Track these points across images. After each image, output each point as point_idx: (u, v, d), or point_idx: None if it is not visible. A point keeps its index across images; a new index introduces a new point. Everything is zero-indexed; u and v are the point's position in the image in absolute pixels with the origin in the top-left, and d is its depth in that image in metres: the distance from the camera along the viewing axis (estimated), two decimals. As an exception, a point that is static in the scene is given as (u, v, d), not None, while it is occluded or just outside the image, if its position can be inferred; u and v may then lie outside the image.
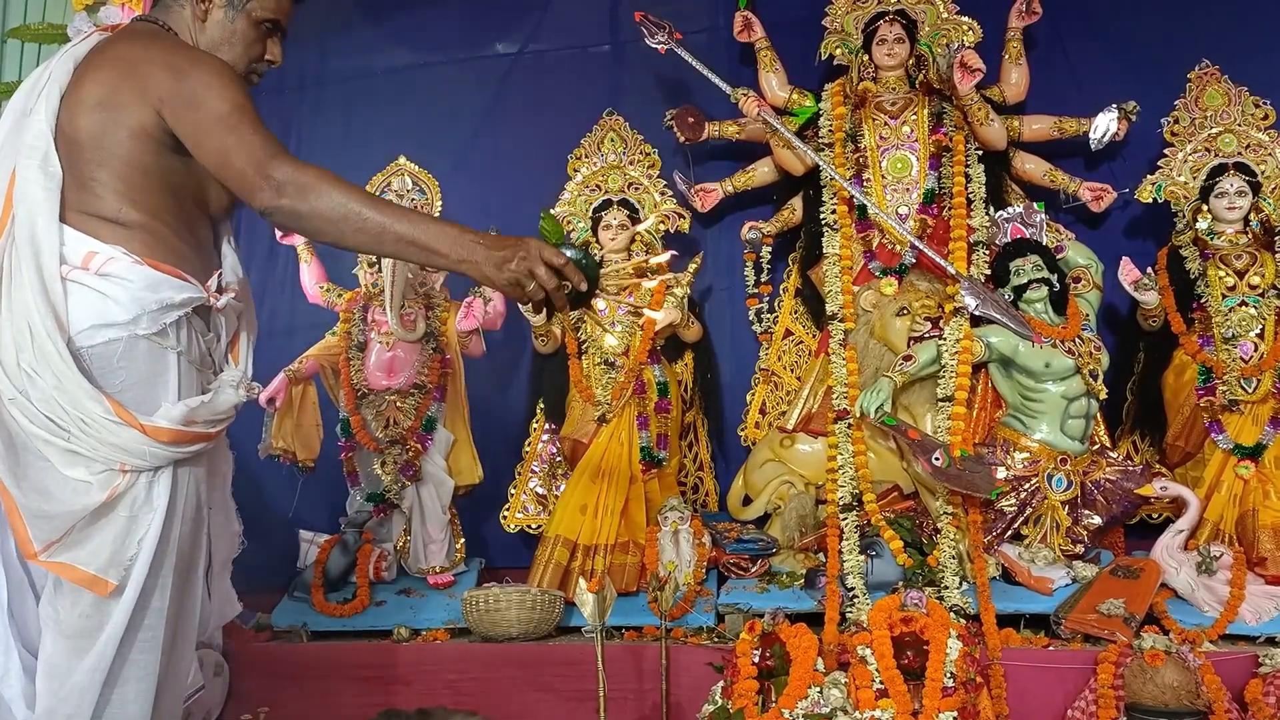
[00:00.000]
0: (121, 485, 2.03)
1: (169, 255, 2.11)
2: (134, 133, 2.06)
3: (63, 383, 1.98)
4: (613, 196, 4.16)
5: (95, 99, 2.06)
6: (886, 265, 3.98)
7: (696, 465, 4.36)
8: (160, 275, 2.07)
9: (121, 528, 2.04)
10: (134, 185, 2.08)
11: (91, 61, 2.12)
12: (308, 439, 4.07)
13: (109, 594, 2.03)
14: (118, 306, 2.04)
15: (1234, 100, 3.93)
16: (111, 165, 2.06)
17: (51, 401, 1.98)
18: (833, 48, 4.17)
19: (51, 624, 2.05)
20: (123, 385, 2.04)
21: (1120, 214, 4.21)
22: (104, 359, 2.04)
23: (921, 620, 2.90)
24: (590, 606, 2.88)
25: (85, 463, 2.01)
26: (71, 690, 2.02)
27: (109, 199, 2.07)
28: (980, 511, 3.58)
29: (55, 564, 2.02)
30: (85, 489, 2.01)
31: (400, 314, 3.93)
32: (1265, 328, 3.68)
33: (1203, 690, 2.88)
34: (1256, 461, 3.63)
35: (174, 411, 2.08)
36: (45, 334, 1.98)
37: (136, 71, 2.06)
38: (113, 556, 2.03)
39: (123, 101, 2.05)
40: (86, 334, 2.03)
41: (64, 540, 2.01)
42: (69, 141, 2.07)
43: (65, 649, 2.03)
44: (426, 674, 3.40)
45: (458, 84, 4.74)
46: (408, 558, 4.02)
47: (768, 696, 2.91)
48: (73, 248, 2.04)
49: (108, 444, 2.01)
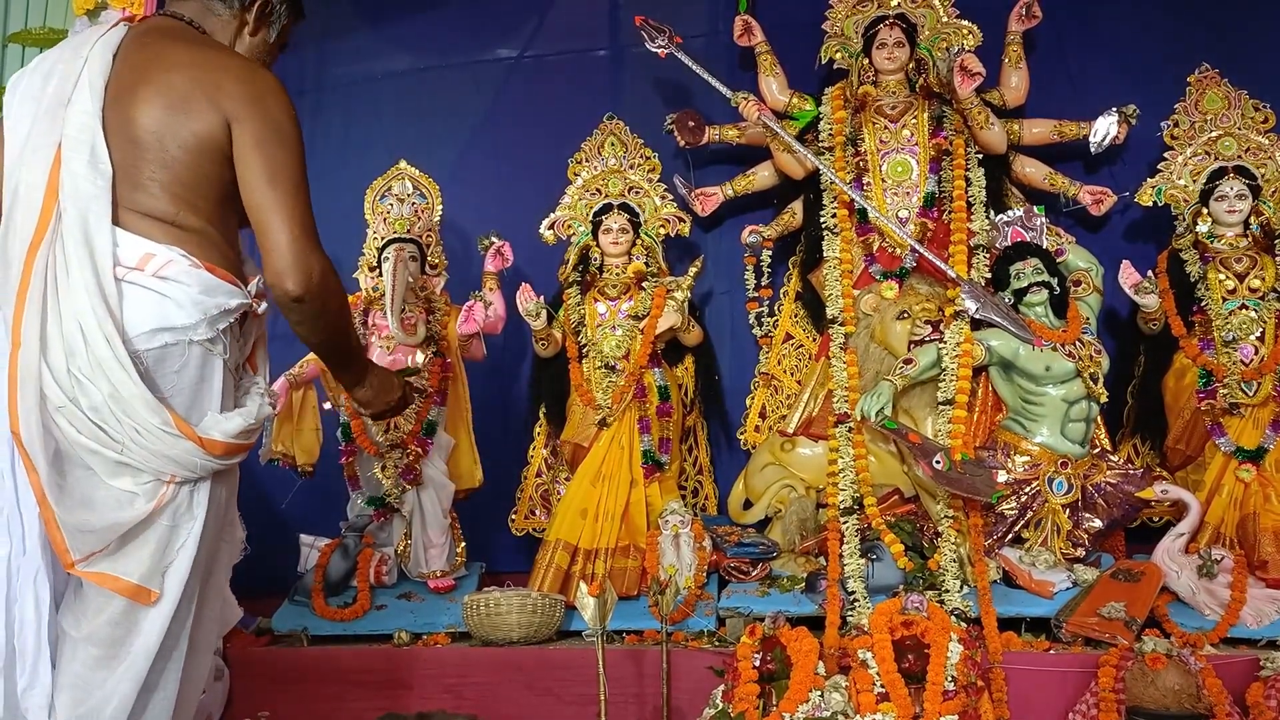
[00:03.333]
0: (167, 495, 1.98)
1: (222, 261, 2.07)
2: (201, 139, 2.00)
3: (119, 390, 1.91)
4: (613, 200, 4.16)
5: (164, 100, 1.99)
6: (887, 269, 3.98)
7: (697, 469, 4.36)
8: (217, 280, 2.04)
9: (163, 536, 1.99)
10: (192, 189, 2.02)
11: (142, 58, 2.04)
12: (308, 443, 4.07)
13: (151, 603, 1.98)
14: (179, 310, 1.98)
15: (1234, 103, 3.93)
16: (173, 168, 2.00)
17: (104, 410, 1.91)
18: (833, 52, 4.18)
19: (73, 633, 1.98)
20: (172, 391, 1.98)
21: (1120, 217, 4.22)
22: (159, 363, 1.98)
23: (922, 624, 2.90)
24: (591, 610, 2.89)
25: (132, 473, 1.96)
26: (102, 702, 1.96)
27: (165, 200, 2.00)
28: (981, 515, 3.58)
29: (95, 574, 1.95)
30: (130, 500, 1.96)
31: (401, 318, 3.93)
32: (1266, 331, 3.68)
33: (1204, 694, 2.88)
34: (1257, 465, 3.63)
35: (229, 425, 2.04)
36: (103, 339, 1.90)
37: (208, 79, 2.00)
38: (154, 566, 1.98)
39: (194, 107, 1.99)
40: (144, 337, 1.96)
41: (105, 550, 1.95)
42: (126, 139, 1.99)
43: (91, 659, 1.97)
44: (427, 678, 3.39)
45: (458, 88, 4.75)
46: (408, 562, 4.02)
47: (768, 700, 2.90)
48: (127, 248, 1.97)
49: (161, 455, 1.95)
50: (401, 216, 4.18)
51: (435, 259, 4.19)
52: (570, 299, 4.08)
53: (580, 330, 4.04)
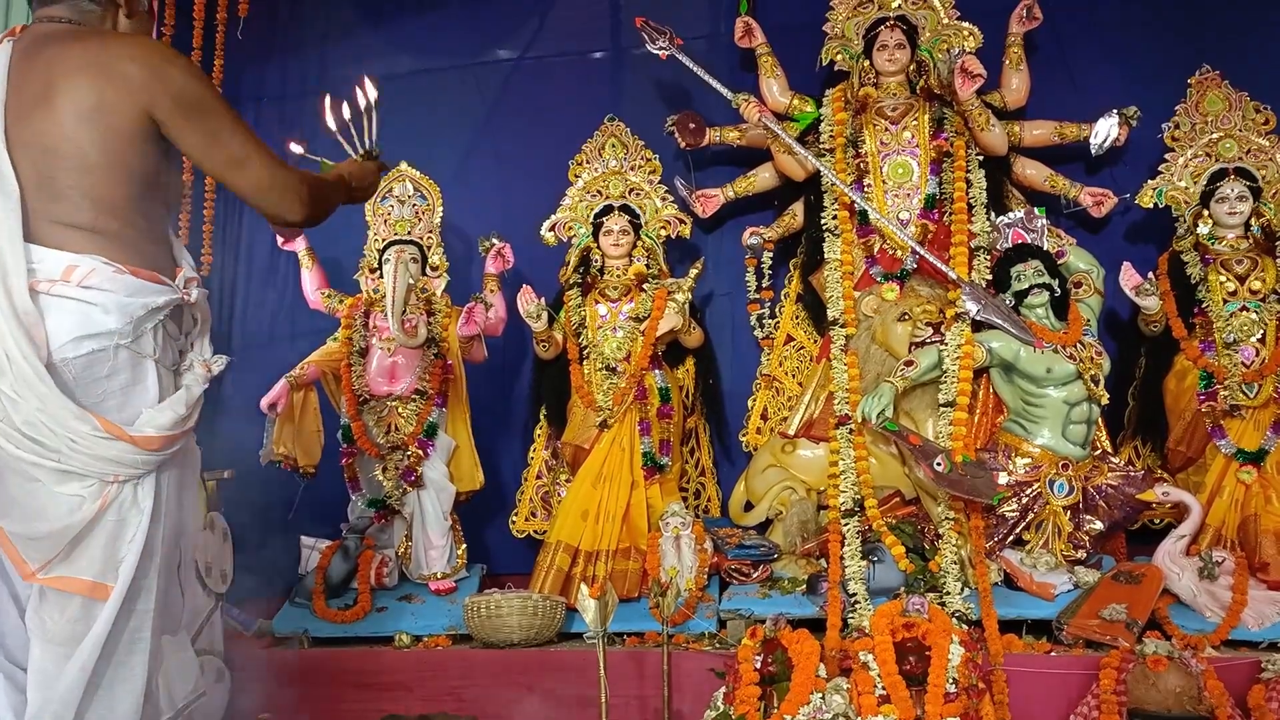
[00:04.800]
0: (111, 494, 2.03)
1: (144, 261, 2.10)
2: (119, 134, 2.03)
3: (46, 405, 1.95)
4: (614, 202, 4.16)
5: (76, 107, 2.01)
6: (888, 270, 3.98)
7: (698, 471, 4.36)
8: (140, 282, 2.06)
9: (112, 532, 2.04)
10: (113, 190, 2.05)
11: (38, 67, 2.05)
12: (309, 445, 4.07)
13: (107, 598, 2.03)
14: (104, 315, 2.02)
15: (1234, 105, 3.93)
16: (93, 173, 2.03)
17: (36, 424, 1.95)
18: (834, 53, 4.18)
19: (39, 633, 2.04)
20: (103, 396, 2.03)
21: (1121, 219, 4.22)
22: (87, 370, 2.01)
23: (923, 626, 2.90)
24: (592, 612, 2.89)
25: (78, 478, 2.00)
26: (55, 695, 2.01)
27: (86, 207, 2.03)
28: (982, 517, 3.58)
29: (54, 579, 2.02)
30: (79, 503, 2.01)
31: (402, 320, 3.93)
32: (1266, 333, 3.68)
33: (1205, 696, 2.88)
34: (1258, 466, 3.63)
35: (161, 419, 2.07)
36: (21, 357, 1.94)
37: (115, 73, 2.03)
38: (107, 561, 2.03)
39: (111, 107, 2.02)
40: (70, 345, 2.00)
41: (60, 555, 2.01)
42: (40, 151, 2.02)
43: (54, 656, 2.03)
44: (428, 680, 3.40)
45: (459, 90, 4.75)
46: (409, 564, 4.02)
47: (770, 702, 2.90)
48: (48, 263, 1.99)
49: (99, 459, 2.00)
50: (402, 218, 4.19)
51: (436, 261, 4.19)
52: (571, 301, 4.08)
53: (581, 332, 4.04)
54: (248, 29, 4.60)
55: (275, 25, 4.81)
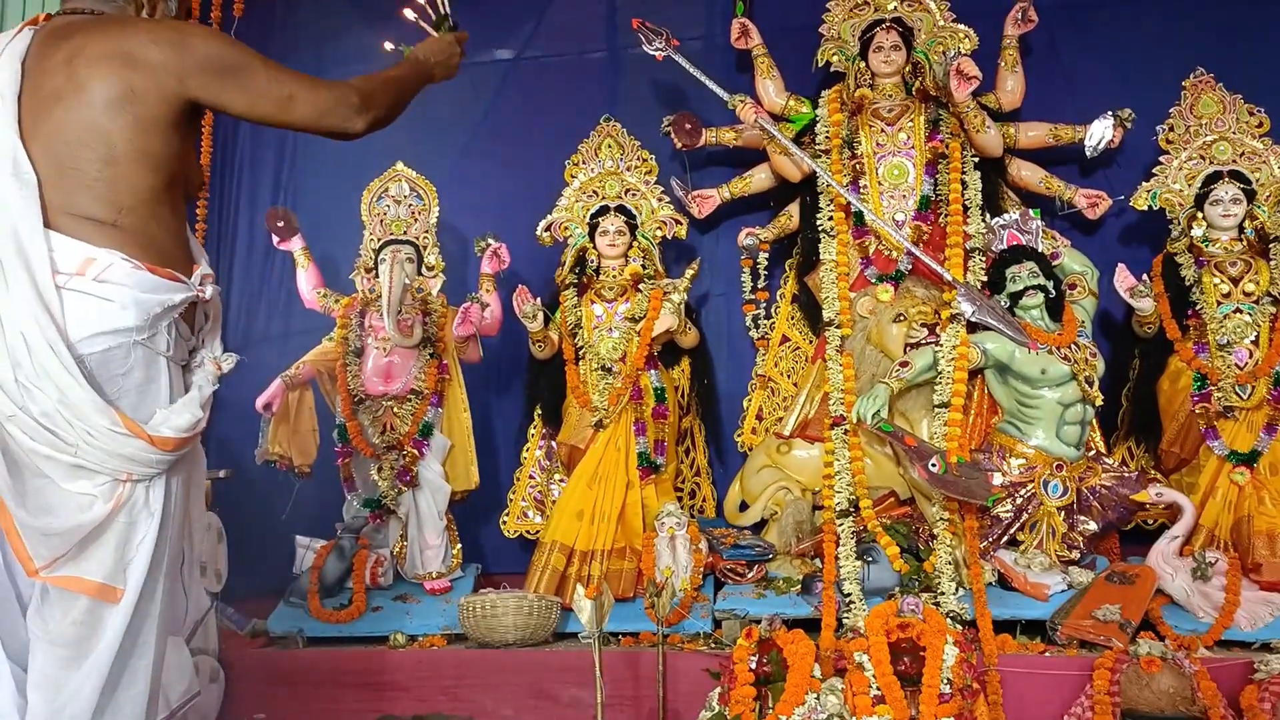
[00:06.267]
0: (124, 494, 2.01)
1: (163, 258, 2.08)
2: (151, 124, 2.02)
3: (67, 395, 1.92)
4: (610, 202, 4.16)
5: (108, 97, 1.99)
6: (883, 272, 3.99)
7: (694, 471, 4.36)
8: (158, 279, 2.05)
9: (122, 534, 2.02)
10: (140, 180, 2.03)
11: (60, 58, 2.03)
12: (304, 444, 4.07)
13: (117, 600, 2.01)
14: (121, 311, 2.00)
15: (1229, 108, 3.95)
16: (121, 163, 2.01)
17: (55, 415, 1.93)
18: (829, 55, 4.19)
19: (41, 634, 2.01)
20: (118, 393, 2.01)
21: (1116, 221, 4.23)
22: (103, 367, 1.99)
23: (918, 626, 2.91)
24: (587, 612, 2.89)
25: (89, 475, 1.98)
26: (68, 700, 1.98)
27: (109, 201, 2.01)
28: (976, 517, 3.59)
29: (60, 578, 1.98)
30: (89, 503, 1.98)
31: (397, 320, 3.93)
32: (1260, 334, 3.69)
33: (1198, 696, 2.88)
34: (1252, 468, 3.64)
35: (179, 420, 2.06)
36: (46, 346, 1.92)
37: (139, 60, 2.01)
38: (117, 564, 2.01)
39: (140, 95, 2.00)
40: (86, 342, 1.97)
41: (68, 554, 1.98)
42: (64, 142, 2.00)
43: (59, 659, 2.00)
44: (423, 680, 3.39)
45: (455, 90, 4.69)
46: (404, 563, 4.02)
47: (765, 703, 2.91)
48: (67, 254, 1.97)
49: (114, 455, 1.97)
50: (398, 218, 4.19)
51: (432, 260, 4.19)
52: (567, 301, 4.08)
53: (577, 332, 4.04)
54: (243, 29, 4.59)
55: (270, 26, 4.80)
